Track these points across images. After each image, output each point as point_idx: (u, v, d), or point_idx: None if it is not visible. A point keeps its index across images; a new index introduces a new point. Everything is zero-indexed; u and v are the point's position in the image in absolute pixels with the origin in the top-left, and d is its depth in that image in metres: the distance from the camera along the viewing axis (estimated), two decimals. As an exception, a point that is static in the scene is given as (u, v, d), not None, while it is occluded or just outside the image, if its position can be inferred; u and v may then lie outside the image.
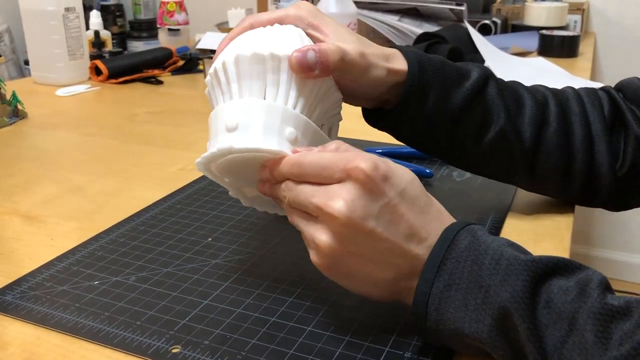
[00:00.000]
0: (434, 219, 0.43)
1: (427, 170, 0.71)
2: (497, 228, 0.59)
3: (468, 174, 0.72)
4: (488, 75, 0.58)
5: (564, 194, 0.61)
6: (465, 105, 0.55)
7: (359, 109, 0.59)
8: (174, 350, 0.42)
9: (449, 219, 0.44)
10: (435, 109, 0.55)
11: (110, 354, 0.42)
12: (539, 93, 0.60)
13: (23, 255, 0.56)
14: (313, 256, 0.43)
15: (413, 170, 0.44)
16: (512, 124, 0.57)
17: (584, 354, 0.34)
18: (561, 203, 0.65)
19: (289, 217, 0.45)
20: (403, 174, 0.43)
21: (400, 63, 0.54)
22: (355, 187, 0.41)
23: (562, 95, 0.61)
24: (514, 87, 0.60)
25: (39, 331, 0.45)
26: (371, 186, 0.41)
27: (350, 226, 0.40)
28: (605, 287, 0.37)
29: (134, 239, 0.58)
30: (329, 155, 0.43)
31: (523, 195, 0.66)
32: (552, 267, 0.38)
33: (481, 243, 0.40)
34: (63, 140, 0.90)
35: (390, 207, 0.41)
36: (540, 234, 0.59)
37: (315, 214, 0.42)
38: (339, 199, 0.40)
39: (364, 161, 0.41)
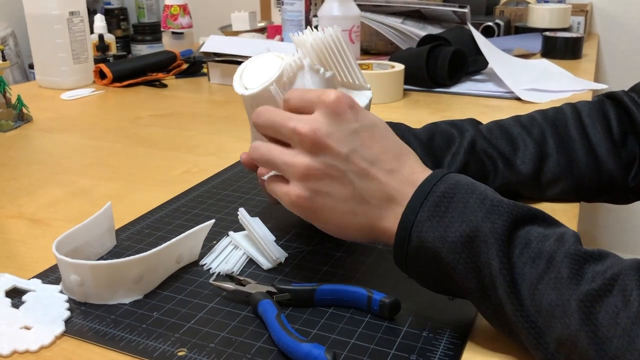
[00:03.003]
0: (405, 157, 0.46)
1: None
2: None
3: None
4: (473, 138, 0.62)
5: (575, 201, 0.65)
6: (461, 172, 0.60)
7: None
8: (180, 353, 0.42)
9: (422, 165, 0.47)
10: None
11: (116, 357, 0.42)
12: (536, 127, 0.63)
13: (28, 258, 0.56)
14: (292, 189, 0.46)
15: None
16: (510, 169, 0.61)
17: (558, 288, 0.37)
18: (566, 204, 0.65)
19: (261, 153, 0.48)
20: (373, 115, 0.47)
21: None
22: (323, 111, 0.45)
23: (560, 124, 0.62)
24: (506, 130, 0.63)
25: (45, 334, 0.45)
26: (337, 110, 0.45)
27: (318, 143, 0.44)
28: (579, 241, 0.40)
29: (138, 242, 0.58)
30: (305, 89, 0.48)
31: (527, 197, 0.66)
32: (532, 215, 0.41)
33: (468, 184, 0.43)
34: (68, 144, 0.90)
35: (358, 134, 0.45)
36: (545, 236, 0.59)
37: (289, 137, 0.46)
38: (307, 120, 0.45)
39: (335, 92, 0.46)
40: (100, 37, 1.44)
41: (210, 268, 0.53)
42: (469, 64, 1.20)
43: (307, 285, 0.48)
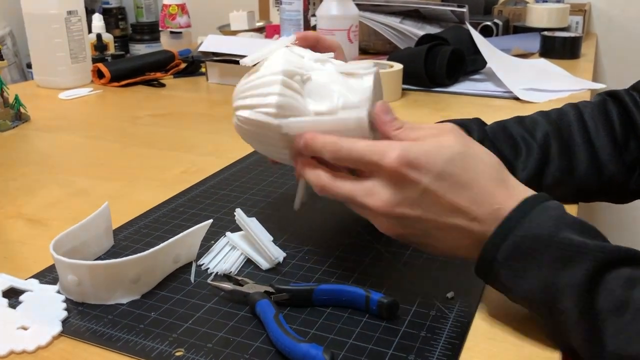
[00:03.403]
0: (485, 191, 0.44)
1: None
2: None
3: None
4: (480, 141, 0.60)
5: (574, 202, 0.65)
6: None
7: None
8: (178, 354, 0.42)
9: (512, 190, 0.44)
10: None
11: (114, 357, 0.42)
12: (539, 130, 0.61)
13: (27, 258, 0.56)
14: (381, 224, 0.47)
15: None
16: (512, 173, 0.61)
17: None
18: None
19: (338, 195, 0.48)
20: (438, 155, 0.44)
21: None
22: (385, 181, 0.44)
23: (564, 126, 0.61)
24: (509, 133, 0.62)
25: (42, 334, 0.45)
26: (400, 179, 0.44)
27: (391, 215, 0.45)
28: None
29: (136, 242, 0.58)
30: (362, 145, 0.46)
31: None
32: (619, 257, 0.39)
33: (550, 232, 0.41)
34: (66, 144, 0.90)
35: (428, 192, 0.44)
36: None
37: (359, 206, 0.46)
38: (373, 196, 0.45)
39: (392, 155, 0.44)
40: (99, 36, 1.44)
41: (208, 268, 0.53)
42: (468, 63, 1.20)
43: (305, 285, 0.48)
